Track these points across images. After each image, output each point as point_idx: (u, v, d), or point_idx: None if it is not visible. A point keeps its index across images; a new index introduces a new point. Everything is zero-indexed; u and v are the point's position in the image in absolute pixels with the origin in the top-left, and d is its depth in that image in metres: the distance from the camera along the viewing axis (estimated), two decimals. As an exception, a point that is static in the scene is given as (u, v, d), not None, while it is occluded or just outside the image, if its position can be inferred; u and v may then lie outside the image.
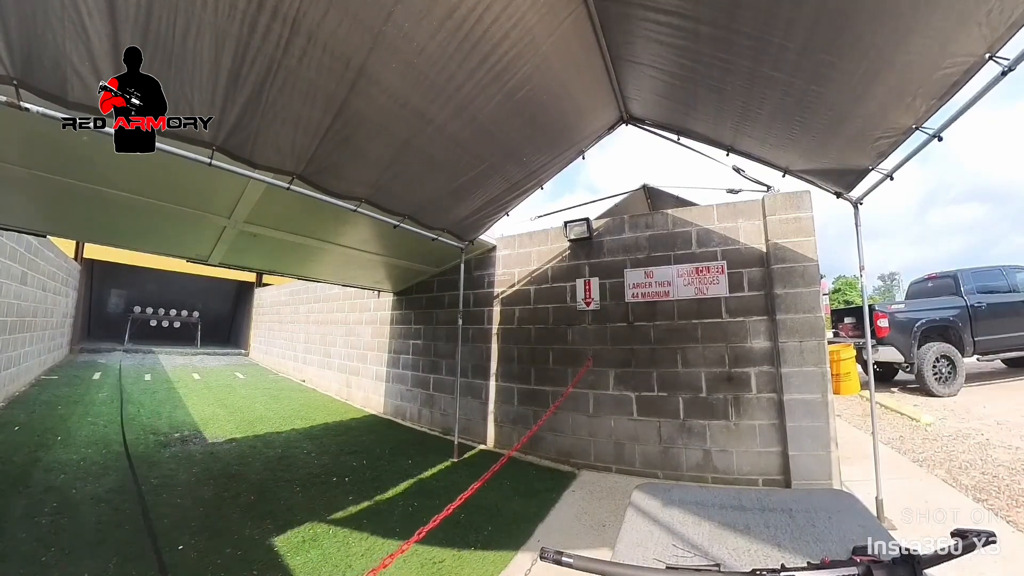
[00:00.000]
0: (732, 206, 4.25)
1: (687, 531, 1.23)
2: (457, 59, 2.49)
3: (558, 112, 3.45)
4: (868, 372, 3.38)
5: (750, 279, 4.05)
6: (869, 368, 3.38)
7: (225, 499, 3.43)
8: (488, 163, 3.63)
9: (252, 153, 2.53)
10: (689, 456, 4.04)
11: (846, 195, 3.31)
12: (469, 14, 2.25)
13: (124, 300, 18.61)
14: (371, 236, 4.58)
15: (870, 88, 2.21)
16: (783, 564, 0.78)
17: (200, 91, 2.08)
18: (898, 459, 4.32)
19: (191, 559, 2.56)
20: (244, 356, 15.63)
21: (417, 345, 6.57)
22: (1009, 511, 3.11)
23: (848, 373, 8.03)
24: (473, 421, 5.48)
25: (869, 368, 3.38)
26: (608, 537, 2.92)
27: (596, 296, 4.75)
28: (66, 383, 7.83)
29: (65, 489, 3.39)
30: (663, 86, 3.14)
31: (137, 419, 5.71)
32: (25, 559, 2.45)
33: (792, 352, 3.74)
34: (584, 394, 4.62)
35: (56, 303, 9.37)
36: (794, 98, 2.50)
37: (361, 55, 2.26)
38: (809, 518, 1.27)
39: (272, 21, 1.94)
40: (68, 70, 1.76)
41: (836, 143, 2.82)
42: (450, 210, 4.16)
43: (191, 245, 4.45)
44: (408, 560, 2.65)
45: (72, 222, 3.89)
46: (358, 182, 3.23)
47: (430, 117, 2.87)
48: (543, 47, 2.66)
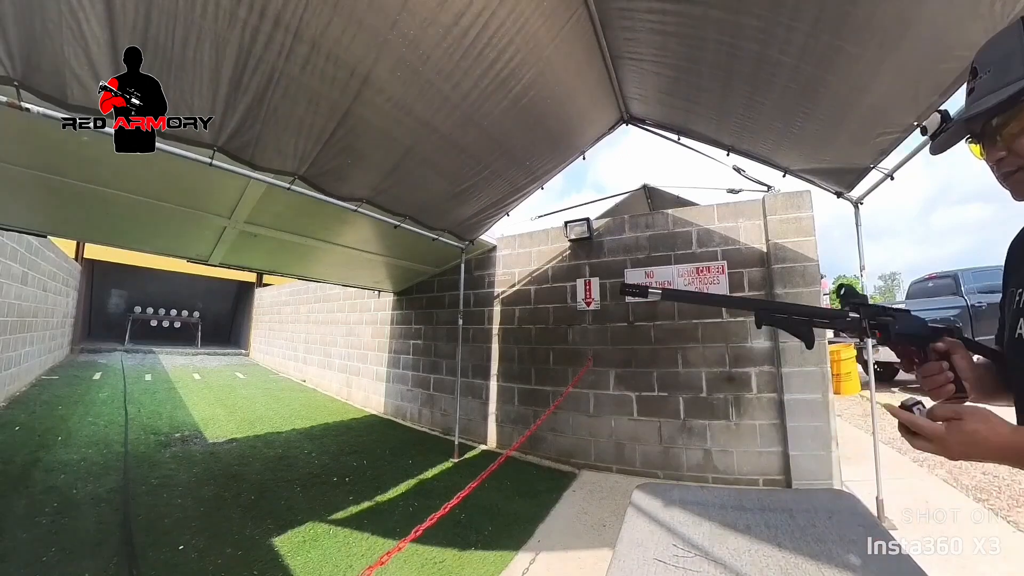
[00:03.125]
0: (732, 206, 4.25)
1: (687, 531, 1.23)
2: (463, 67, 2.49)
3: (561, 116, 3.45)
4: (868, 372, 3.38)
5: (750, 279, 4.05)
6: (869, 368, 3.38)
7: (225, 499, 3.43)
8: (491, 168, 3.64)
9: (253, 156, 2.53)
10: (690, 456, 4.04)
11: (846, 195, 3.31)
12: (475, 21, 2.24)
13: (125, 300, 18.61)
14: (371, 236, 4.58)
15: (874, 78, 2.19)
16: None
17: (201, 98, 2.07)
18: (899, 459, 4.32)
19: (192, 559, 2.56)
20: (244, 356, 15.64)
21: (417, 345, 6.57)
22: (1009, 511, 3.10)
23: (848, 373, 8.03)
24: (474, 421, 5.48)
25: (869, 368, 3.38)
26: (608, 537, 2.91)
27: (596, 296, 4.75)
28: (67, 383, 7.83)
29: (66, 489, 3.39)
30: (665, 81, 3.13)
31: (137, 419, 5.71)
32: (26, 559, 2.45)
33: (793, 352, 3.74)
34: (584, 394, 4.62)
35: (57, 303, 9.38)
36: (799, 85, 2.47)
37: (366, 64, 2.26)
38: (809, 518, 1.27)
39: (274, 29, 1.94)
40: (68, 74, 1.76)
41: (838, 139, 2.82)
42: (451, 211, 4.16)
43: (191, 245, 4.45)
44: (409, 560, 2.65)
45: (73, 222, 3.89)
46: (360, 185, 3.23)
47: (435, 125, 2.87)
48: (546, 51, 2.66)
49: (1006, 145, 0.63)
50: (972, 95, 0.66)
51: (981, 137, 0.67)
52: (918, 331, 0.83)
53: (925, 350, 0.82)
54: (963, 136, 0.69)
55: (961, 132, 0.68)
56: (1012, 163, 0.64)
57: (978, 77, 0.65)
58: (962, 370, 0.79)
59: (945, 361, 0.80)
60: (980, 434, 0.63)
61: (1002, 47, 0.62)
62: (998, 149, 0.64)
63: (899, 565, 1.02)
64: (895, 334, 0.82)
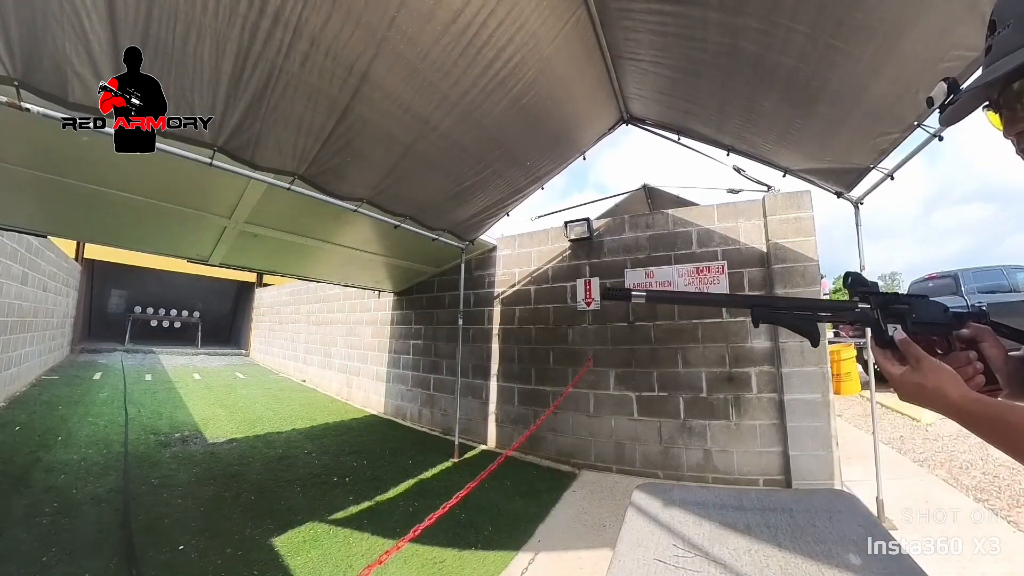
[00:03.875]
0: (732, 206, 4.25)
1: (688, 531, 1.23)
2: (462, 65, 2.49)
3: (561, 116, 3.45)
4: (868, 372, 3.37)
5: (751, 279, 4.05)
6: (870, 368, 3.38)
7: (226, 499, 3.43)
8: (491, 168, 3.64)
9: (253, 155, 2.53)
10: (690, 456, 4.04)
11: (846, 195, 3.31)
12: (473, 19, 2.24)
13: (125, 300, 18.60)
14: (371, 236, 4.58)
15: (874, 78, 2.20)
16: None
17: (201, 96, 2.08)
18: (899, 459, 4.32)
19: (192, 559, 2.56)
20: (244, 356, 15.63)
21: (417, 345, 6.57)
22: (1010, 511, 3.10)
23: (848, 373, 8.02)
24: (474, 421, 5.48)
25: (870, 368, 3.38)
26: (609, 537, 2.91)
27: (596, 296, 4.75)
28: (67, 383, 7.83)
29: (66, 489, 3.39)
30: (665, 82, 3.13)
31: (138, 419, 5.71)
32: (26, 559, 2.45)
33: (793, 352, 3.74)
34: (585, 394, 4.62)
35: (57, 303, 9.37)
36: (799, 86, 2.48)
37: (364, 60, 2.26)
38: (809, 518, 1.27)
39: (274, 26, 1.94)
40: (68, 72, 1.76)
41: (838, 140, 2.82)
42: (451, 211, 4.16)
43: (192, 245, 4.45)
44: (409, 560, 2.65)
45: (73, 222, 3.90)
46: (360, 184, 3.23)
47: (434, 123, 2.87)
48: (546, 51, 2.66)
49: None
50: (990, 54, 0.55)
51: (1000, 105, 0.56)
52: (939, 318, 0.73)
53: (949, 339, 0.72)
54: (980, 103, 0.58)
55: (978, 98, 0.57)
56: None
57: (997, 32, 0.54)
58: (993, 359, 0.69)
59: (973, 351, 0.70)
60: (926, 389, 0.62)
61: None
62: (1020, 118, 0.54)
63: (899, 565, 1.02)
64: (912, 323, 0.71)
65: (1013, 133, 0.56)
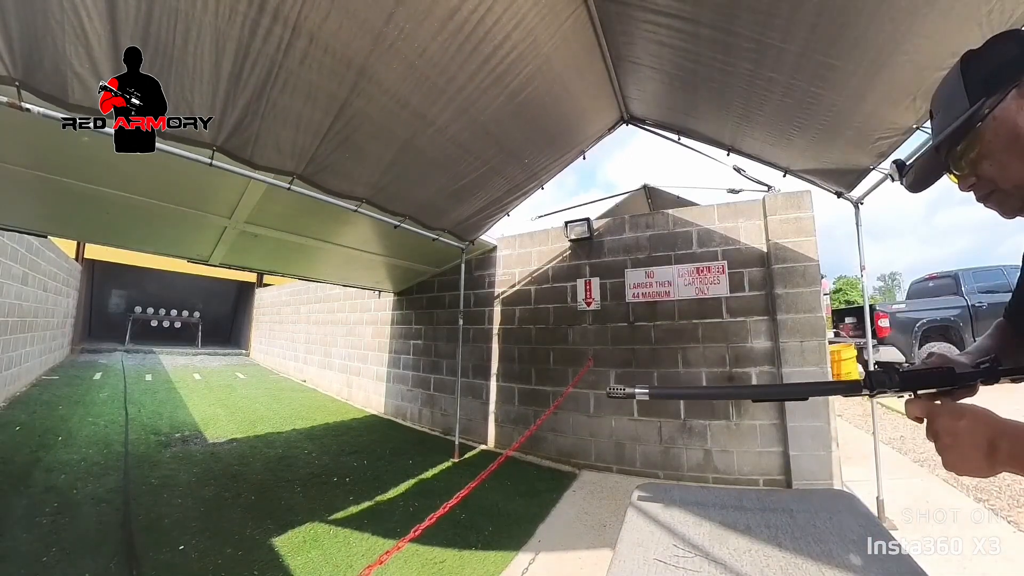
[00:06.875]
0: (733, 206, 4.25)
1: (688, 531, 1.23)
2: (459, 61, 2.49)
3: (559, 113, 3.45)
4: (869, 372, 3.37)
5: (751, 279, 4.05)
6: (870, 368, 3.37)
7: (226, 499, 3.43)
8: (489, 165, 3.63)
9: (253, 154, 2.53)
10: (690, 456, 4.04)
11: (847, 195, 3.31)
12: (470, 15, 2.24)
13: (125, 300, 18.62)
14: (371, 236, 4.58)
15: (870, 89, 2.21)
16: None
17: (201, 94, 2.08)
18: (899, 459, 4.31)
19: (192, 559, 2.56)
20: (245, 356, 15.64)
21: (418, 345, 6.57)
22: (1010, 511, 3.10)
23: (849, 373, 8.01)
24: (474, 421, 5.48)
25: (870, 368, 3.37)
26: (609, 537, 2.91)
27: (597, 296, 4.75)
28: (67, 383, 7.83)
29: (66, 489, 3.39)
30: (663, 87, 3.14)
31: (138, 419, 5.71)
32: (26, 559, 2.45)
33: (793, 352, 3.74)
34: (585, 394, 4.62)
35: (57, 303, 9.38)
36: (794, 100, 2.50)
37: (362, 56, 2.26)
38: (810, 518, 1.27)
39: (273, 23, 1.94)
40: (68, 72, 1.76)
41: (837, 143, 2.82)
42: (451, 211, 4.16)
43: (192, 245, 4.45)
44: (409, 560, 2.65)
45: (73, 222, 3.90)
46: (359, 182, 3.22)
47: (431, 119, 2.87)
48: (544, 48, 2.66)
49: (972, 171, 0.67)
50: (932, 134, 0.74)
51: (950, 168, 0.71)
52: (933, 384, 0.74)
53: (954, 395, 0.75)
54: (942, 172, 0.72)
55: (939, 168, 0.72)
56: (983, 187, 0.68)
57: (933, 119, 0.74)
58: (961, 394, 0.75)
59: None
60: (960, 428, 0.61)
61: (947, 89, 0.69)
62: (966, 176, 0.68)
63: (899, 565, 1.01)
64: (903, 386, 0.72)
65: (966, 187, 0.70)
